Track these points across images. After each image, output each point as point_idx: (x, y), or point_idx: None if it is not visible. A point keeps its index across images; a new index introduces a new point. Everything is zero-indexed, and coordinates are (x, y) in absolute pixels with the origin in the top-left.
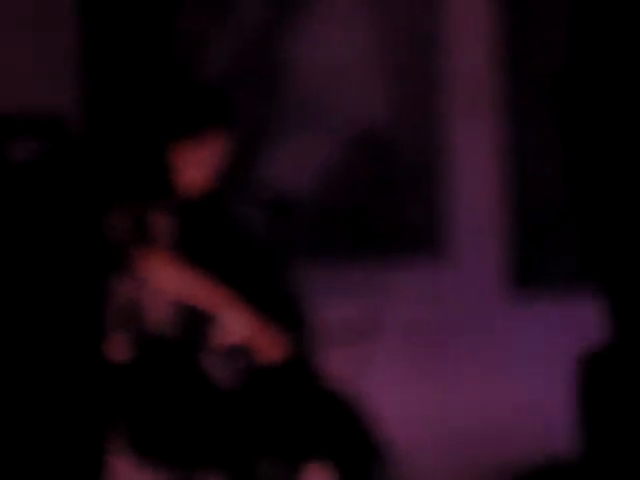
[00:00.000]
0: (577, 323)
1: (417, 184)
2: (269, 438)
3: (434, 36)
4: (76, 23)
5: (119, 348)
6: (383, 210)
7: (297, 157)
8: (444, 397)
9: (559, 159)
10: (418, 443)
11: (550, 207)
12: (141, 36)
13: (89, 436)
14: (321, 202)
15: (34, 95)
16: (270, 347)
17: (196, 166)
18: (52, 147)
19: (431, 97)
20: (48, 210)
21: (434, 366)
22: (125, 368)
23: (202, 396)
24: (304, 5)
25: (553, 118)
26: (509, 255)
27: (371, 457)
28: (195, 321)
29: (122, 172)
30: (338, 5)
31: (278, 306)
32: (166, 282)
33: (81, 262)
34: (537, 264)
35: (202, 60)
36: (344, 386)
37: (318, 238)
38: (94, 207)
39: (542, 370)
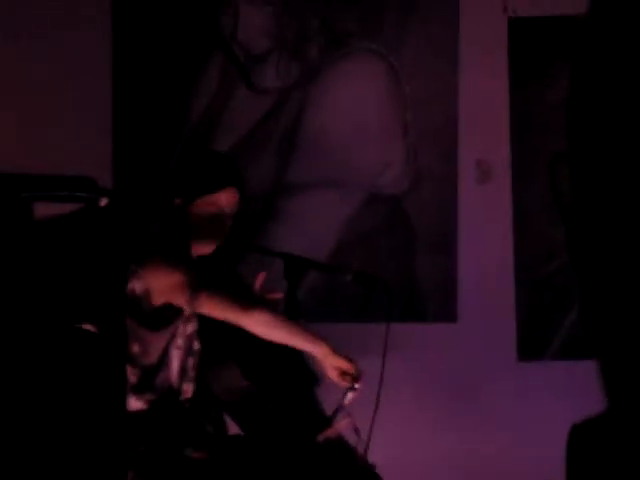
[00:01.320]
0: (583, 391)
1: (429, 249)
2: None
3: (449, 104)
4: (109, 86)
5: (138, 399)
6: (394, 276)
7: (310, 221)
8: (451, 455)
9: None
10: None
11: (562, 275)
12: (165, 99)
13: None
14: (335, 264)
15: (67, 158)
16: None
17: (208, 226)
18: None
19: (444, 164)
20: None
21: (443, 426)
22: (140, 417)
23: (213, 446)
24: (324, 68)
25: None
26: (519, 320)
27: None
28: (211, 374)
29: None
30: (357, 70)
31: (291, 364)
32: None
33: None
34: (547, 330)
35: (222, 123)
36: (351, 444)
37: (329, 299)
38: (120, 263)
39: (545, 434)
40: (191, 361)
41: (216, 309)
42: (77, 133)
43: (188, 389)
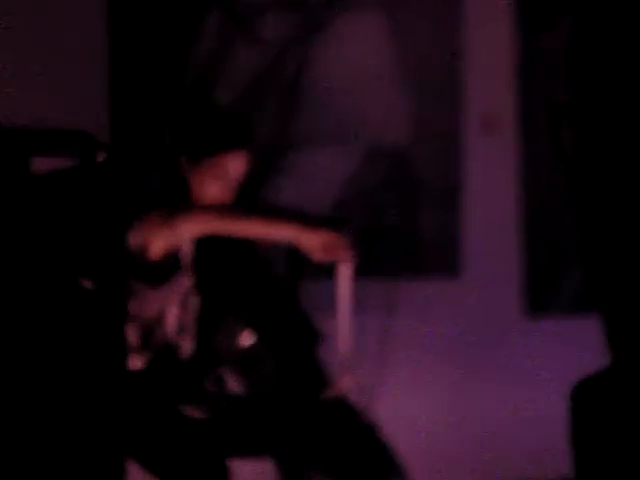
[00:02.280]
0: (587, 345)
1: (434, 202)
2: (279, 449)
3: (454, 54)
4: (104, 40)
5: (137, 357)
6: (400, 226)
7: (314, 172)
8: (457, 411)
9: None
10: (430, 457)
11: (566, 227)
12: (166, 52)
13: (104, 448)
14: (339, 217)
15: (63, 110)
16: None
17: (214, 185)
18: (81, 161)
19: (450, 116)
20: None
21: (445, 381)
22: (140, 376)
23: (213, 405)
24: (326, 21)
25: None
26: (524, 274)
27: (385, 472)
28: (210, 329)
29: (145, 188)
30: (360, 22)
31: (294, 322)
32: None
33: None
34: (552, 284)
35: (224, 76)
36: (356, 402)
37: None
38: (119, 219)
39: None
40: (189, 317)
41: (189, 223)
42: (74, 87)
43: (187, 346)
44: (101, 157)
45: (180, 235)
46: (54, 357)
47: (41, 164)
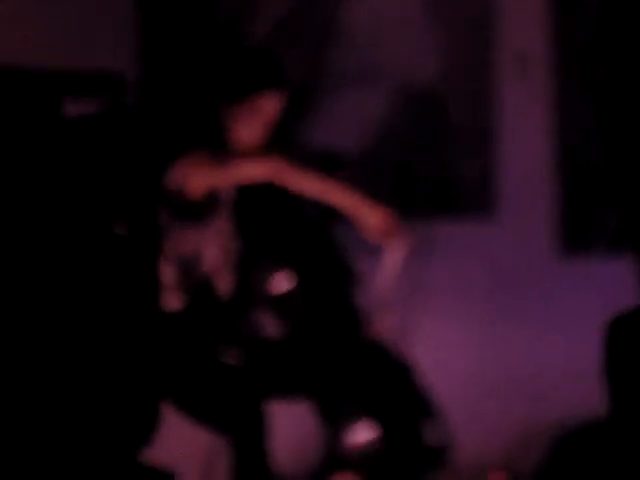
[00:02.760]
0: (622, 285)
1: (467, 142)
2: (316, 391)
3: None
4: None
5: (174, 297)
6: (433, 167)
7: (348, 112)
8: (491, 353)
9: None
10: (466, 399)
11: (598, 169)
12: None
13: (141, 389)
14: (372, 157)
15: (93, 52)
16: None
17: (249, 126)
18: (110, 102)
19: (482, 55)
20: (106, 166)
21: (483, 323)
22: (177, 317)
23: (250, 348)
24: None
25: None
26: (558, 215)
27: (421, 413)
28: (248, 272)
29: (178, 129)
30: None
31: (331, 263)
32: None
33: (140, 213)
34: (585, 225)
35: (251, 18)
36: (392, 344)
37: (368, 193)
38: (152, 162)
39: (588, 328)
40: (227, 258)
41: (245, 168)
42: (104, 28)
43: (225, 286)
44: (133, 98)
45: (236, 177)
46: (92, 299)
47: (74, 106)
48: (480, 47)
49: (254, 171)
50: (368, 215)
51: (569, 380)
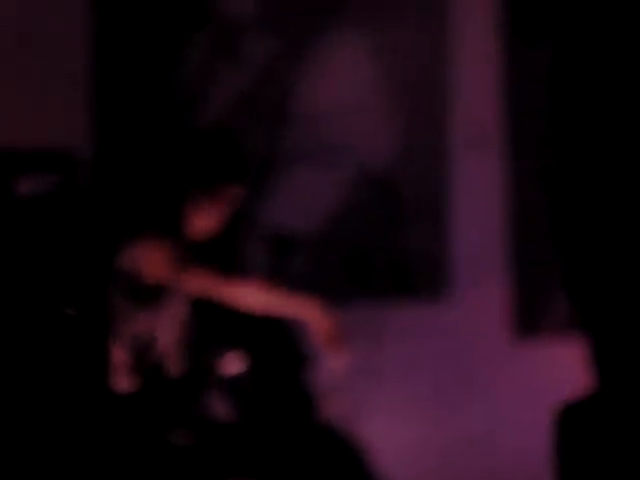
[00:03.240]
0: (574, 367)
1: (420, 224)
2: (266, 475)
3: (439, 73)
4: (88, 57)
5: (124, 379)
6: (386, 249)
7: (300, 194)
8: (441, 436)
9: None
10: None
11: (550, 252)
12: (150, 71)
13: (90, 472)
14: (323, 240)
15: (43, 129)
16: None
17: (209, 213)
18: (61, 181)
19: (435, 134)
20: (57, 243)
21: (431, 402)
22: (127, 399)
23: (200, 429)
24: (311, 42)
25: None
26: (510, 298)
27: None
28: (202, 354)
29: (132, 210)
30: (345, 43)
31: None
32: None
33: (91, 293)
34: (537, 308)
35: (209, 95)
36: (343, 426)
37: (319, 276)
38: (103, 240)
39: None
40: (180, 339)
41: (203, 284)
42: (57, 107)
43: (176, 368)
44: (85, 178)
45: (185, 284)
46: (38, 380)
47: (24, 184)
48: (434, 129)
49: (196, 290)
50: (313, 322)
51: (518, 464)
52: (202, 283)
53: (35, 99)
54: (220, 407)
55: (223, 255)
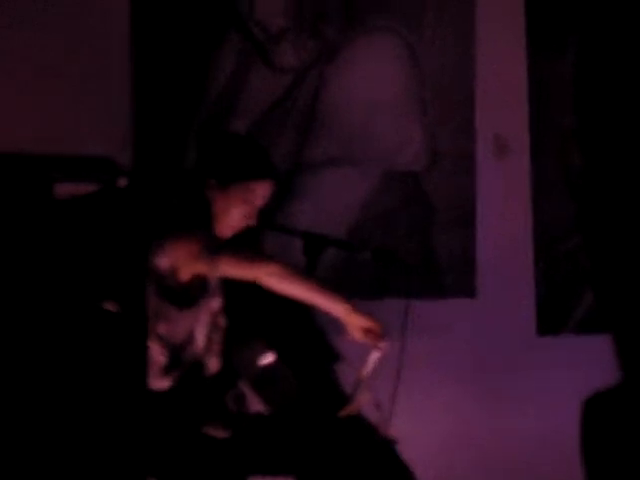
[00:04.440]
0: (600, 363)
1: (448, 226)
2: (298, 468)
3: (468, 78)
4: (129, 66)
5: (162, 376)
6: (414, 250)
7: (331, 197)
8: (469, 431)
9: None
10: (445, 476)
11: (580, 248)
12: (186, 78)
13: (128, 468)
14: (354, 241)
15: (86, 136)
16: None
17: (240, 211)
18: (103, 187)
19: (463, 138)
20: (97, 247)
21: (460, 400)
22: (165, 396)
23: (235, 423)
24: (342, 47)
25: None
26: (537, 295)
27: None
28: (233, 348)
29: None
30: (375, 47)
31: (312, 341)
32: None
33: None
34: (562, 306)
35: (242, 101)
36: (372, 421)
37: (348, 276)
38: (141, 241)
39: (564, 406)
40: (216, 337)
41: (233, 268)
42: (97, 114)
43: (213, 365)
44: (122, 182)
45: (222, 273)
46: (77, 378)
47: (64, 189)
48: (462, 133)
49: (241, 274)
50: (356, 319)
51: (545, 458)
52: (229, 268)
53: (77, 107)
54: (254, 400)
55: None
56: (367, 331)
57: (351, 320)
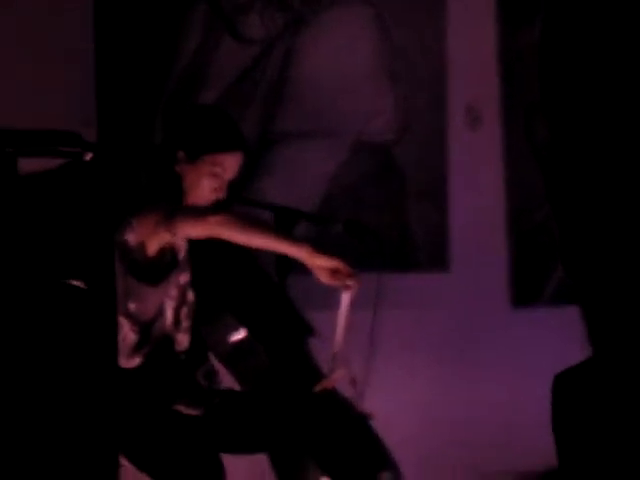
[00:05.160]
0: (572, 334)
1: (420, 198)
2: (272, 444)
3: (439, 52)
4: (92, 39)
5: (131, 353)
6: (386, 223)
7: (300, 170)
8: (445, 402)
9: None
10: (420, 448)
11: (551, 220)
12: (152, 50)
13: (97, 446)
14: (324, 214)
15: (49, 110)
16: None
17: (209, 184)
18: (69, 161)
19: (434, 112)
20: (63, 223)
21: (435, 372)
22: (134, 373)
23: (206, 399)
24: (311, 18)
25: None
26: (510, 267)
27: (376, 464)
28: (203, 324)
29: (134, 185)
30: (345, 21)
31: (285, 316)
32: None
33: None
34: (535, 278)
35: (207, 74)
36: (347, 395)
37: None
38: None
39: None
40: (184, 311)
41: (188, 226)
42: (60, 90)
43: (183, 340)
44: (88, 156)
45: (182, 236)
46: (44, 358)
47: (28, 164)
48: (432, 103)
49: (198, 231)
50: (319, 261)
51: (521, 429)
52: (188, 227)
53: (40, 80)
54: (225, 377)
55: None
56: (334, 272)
57: (314, 262)
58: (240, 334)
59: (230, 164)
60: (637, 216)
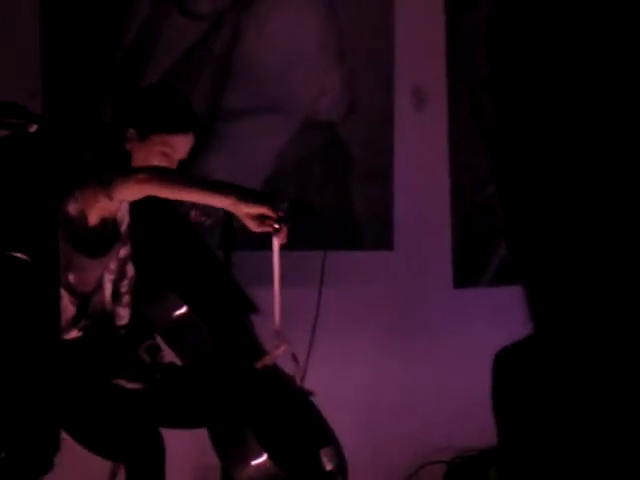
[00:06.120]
0: (515, 316)
1: (366, 177)
2: (211, 419)
3: (386, 32)
4: (37, 10)
5: (72, 325)
6: (331, 202)
7: (247, 147)
8: (387, 379)
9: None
10: (361, 424)
11: (497, 202)
12: (95, 24)
13: (37, 418)
14: (270, 191)
15: None
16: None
17: (161, 163)
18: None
19: (382, 91)
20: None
21: (377, 350)
22: (75, 345)
23: (146, 374)
24: None
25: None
26: (454, 247)
27: (317, 441)
28: (143, 298)
29: (79, 158)
30: None
31: (227, 291)
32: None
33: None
34: (480, 257)
35: (155, 49)
36: (288, 371)
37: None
38: (53, 190)
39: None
40: (125, 285)
41: (120, 188)
42: (5, 58)
43: (123, 314)
44: (33, 128)
45: (118, 198)
46: None
47: None
48: (379, 82)
49: (131, 191)
50: (247, 208)
51: (463, 409)
52: (121, 189)
53: None
54: (166, 351)
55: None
56: (261, 218)
57: (240, 210)
58: (181, 310)
59: (181, 145)
60: (583, 193)
